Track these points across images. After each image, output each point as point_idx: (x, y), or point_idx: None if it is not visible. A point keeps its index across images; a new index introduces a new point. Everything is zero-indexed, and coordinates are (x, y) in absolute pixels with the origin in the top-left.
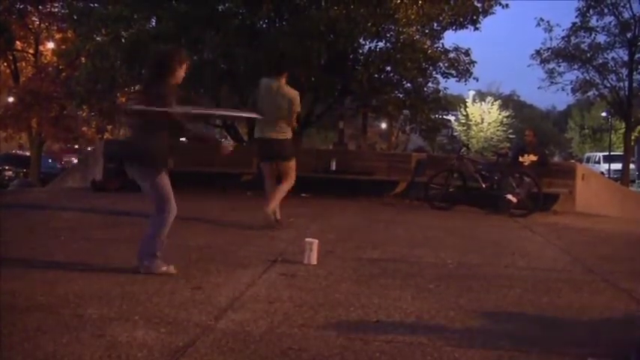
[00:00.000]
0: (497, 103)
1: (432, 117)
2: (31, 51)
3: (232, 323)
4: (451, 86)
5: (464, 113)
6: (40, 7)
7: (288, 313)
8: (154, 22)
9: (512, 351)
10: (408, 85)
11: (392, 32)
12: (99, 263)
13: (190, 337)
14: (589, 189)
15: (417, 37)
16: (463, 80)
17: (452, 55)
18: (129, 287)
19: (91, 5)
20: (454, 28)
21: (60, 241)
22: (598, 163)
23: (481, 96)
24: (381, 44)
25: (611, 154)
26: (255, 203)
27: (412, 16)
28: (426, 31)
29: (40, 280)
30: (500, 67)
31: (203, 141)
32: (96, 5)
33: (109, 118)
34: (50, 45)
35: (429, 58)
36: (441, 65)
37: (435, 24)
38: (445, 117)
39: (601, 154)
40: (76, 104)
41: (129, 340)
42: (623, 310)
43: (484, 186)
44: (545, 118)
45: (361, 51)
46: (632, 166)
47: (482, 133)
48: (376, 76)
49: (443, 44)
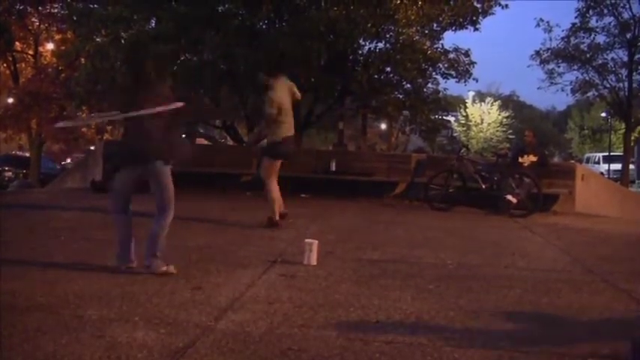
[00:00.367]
0: (496, 103)
1: (432, 118)
2: (31, 52)
3: (232, 324)
4: (451, 87)
5: (463, 114)
6: (39, 8)
7: (287, 314)
8: (153, 22)
9: (512, 351)
10: (408, 85)
11: (392, 33)
12: (99, 263)
13: (190, 337)
14: (589, 189)
15: (417, 37)
16: (463, 81)
17: (452, 55)
18: (129, 288)
19: (91, 6)
20: (454, 28)
21: (60, 241)
22: (598, 163)
23: (481, 96)
24: (380, 45)
25: (611, 154)
26: (255, 203)
27: (412, 17)
28: (426, 31)
29: (39, 280)
30: (499, 68)
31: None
32: (95, 6)
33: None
34: (50, 46)
35: (428, 59)
36: (441, 66)
37: (435, 24)
38: (445, 118)
39: (601, 155)
40: (75, 105)
41: (129, 340)
42: (622, 310)
43: (484, 187)
44: (545, 119)
45: (361, 51)
46: (631, 166)
47: (481, 134)
48: (376, 76)
49: (443, 45)
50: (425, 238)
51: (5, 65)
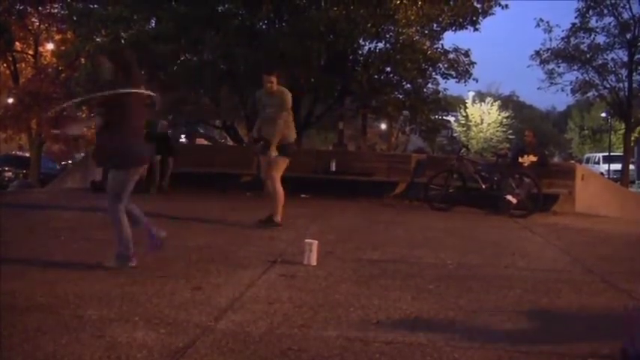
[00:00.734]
0: (496, 103)
1: (432, 118)
2: (31, 52)
3: (232, 324)
4: (451, 87)
5: (463, 114)
6: (39, 8)
7: (287, 314)
8: (153, 22)
9: (512, 351)
10: (408, 85)
11: (392, 33)
12: (98, 264)
13: (190, 337)
14: (589, 189)
15: (417, 37)
16: (463, 81)
17: (451, 55)
18: (129, 288)
19: (91, 6)
20: (454, 28)
21: (60, 241)
22: (598, 163)
23: (481, 97)
24: (380, 45)
25: (611, 154)
26: (255, 204)
27: (412, 17)
28: (426, 31)
29: (39, 280)
30: (499, 68)
31: None
32: (95, 6)
33: None
34: (50, 46)
35: (428, 59)
36: (441, 66)
37: (435, 25)
38: (445, 118)
39: (601, 155)
40: (75, 105)
41: (129, 340)
42: (622, 310)
43: (484, 187)
44: (545, 119)
45: (361, 52)
46: (631, 166)
47: (481, 134)
48: (376, 76)
49: (442, 45)
50: (425, 238)
51: (5, 65)
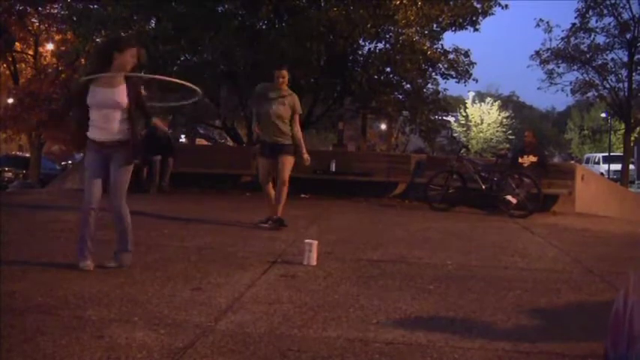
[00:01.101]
0: (496, 104)
1: (432, 118)
2: (31, 52)
3: (232, 324)
4: (451, 87)
5: (463, 114)
6: (39, 9)
7: (287, 314)
8: (153, 23)
9: (512, 351)
10: (408, 86)
11: (391, 33)
12: (98, 264)
13: (190, 338)
14: (588, 190)
15: (417, 38)
16: (462, 81)
17: (451, 56)
18: (128, 288)
19: (91, 6)
20: (453, 29)
21: (59, 241)
22: (597, 163)
23: (481, 97)
24: (380, 45)
25: (611, 154)
26: (255, 204)
27: (411, 17)
28: (426, 32)
29: (39, 281)
30: (499, 68)
31: None
32: (95, 6)
33: None
34: (50, 46)
35: (428, 59)
36: (441, 66)
37: (435, 25)
38: (445, 118)
39: (600, 155)
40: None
41: (128, 341)
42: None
43: (483, 187)
44: (545, 119)
45: (361, 52)
46: (631, 166)
47: (481, 134)
48: (376, 77)
49: (442, 45)
50: (424, 239)
51: (5, 65)
